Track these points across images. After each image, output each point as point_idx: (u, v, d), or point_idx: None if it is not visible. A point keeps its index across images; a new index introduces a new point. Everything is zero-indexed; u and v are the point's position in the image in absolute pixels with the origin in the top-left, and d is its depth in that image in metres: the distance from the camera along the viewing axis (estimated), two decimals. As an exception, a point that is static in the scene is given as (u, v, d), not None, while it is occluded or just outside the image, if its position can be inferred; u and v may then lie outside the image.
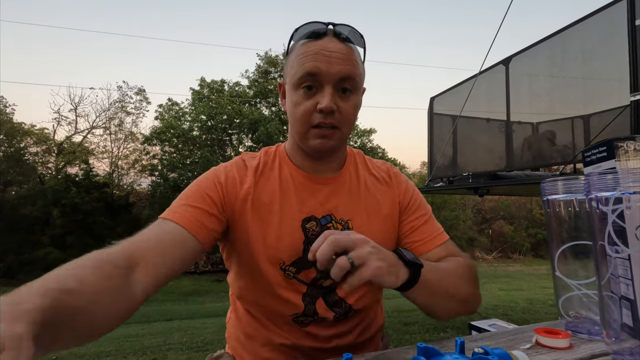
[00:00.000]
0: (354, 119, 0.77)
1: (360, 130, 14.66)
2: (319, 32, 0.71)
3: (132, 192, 14.24)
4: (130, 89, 15.60)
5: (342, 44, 0.72)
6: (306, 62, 0.70)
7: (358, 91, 0.75)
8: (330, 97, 0.69)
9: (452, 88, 4.68)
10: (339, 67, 0.70)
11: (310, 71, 0.69)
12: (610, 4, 2.66)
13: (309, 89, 0.71)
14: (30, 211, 11.32)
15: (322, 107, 0.69)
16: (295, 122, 0.74)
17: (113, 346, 3.85)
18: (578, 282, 0.63)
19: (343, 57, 0.70)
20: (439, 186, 4.71)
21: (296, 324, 0.77)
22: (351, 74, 0.71)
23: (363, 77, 0.77)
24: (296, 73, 0.71)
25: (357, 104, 0.75)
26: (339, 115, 0.71)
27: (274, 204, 0.76)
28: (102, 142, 15.45)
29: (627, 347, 0.49)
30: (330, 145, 0.74)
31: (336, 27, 0.73)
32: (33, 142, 14.01)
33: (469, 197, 14.04)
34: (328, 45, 0.70)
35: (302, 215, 0.76)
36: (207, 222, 0.69)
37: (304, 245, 0.75)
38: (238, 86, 14.32)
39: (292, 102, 0.73)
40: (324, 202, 0.78)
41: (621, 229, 0.48)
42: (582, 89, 3.04)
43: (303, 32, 0.73)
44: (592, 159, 0.60)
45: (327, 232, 0.57)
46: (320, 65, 0.69)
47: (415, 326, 4.03)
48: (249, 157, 0.83)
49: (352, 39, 0.73)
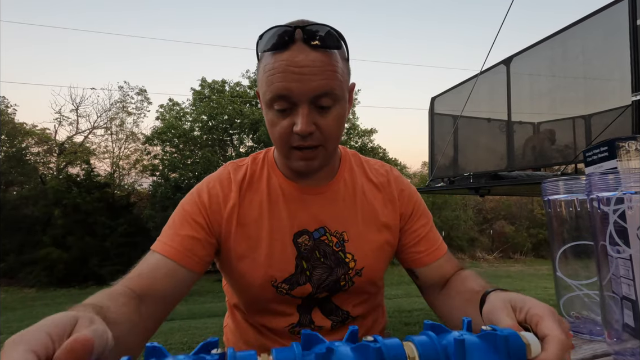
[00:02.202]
0: (339, 131, 0.68)
1: (361, 130, 14.65)
2: (285, 41, 0.60)
3: (133, 192, 14.23)
4: (132, 89, 15.58)
5: (315, 51, 0.61)
6: (274, 81, 0.61)
7: (340, 101, 0.65)
8: (305, 119, 0.61)
9: (453, 88, 4.68)
10: (312, 84, 0.60)
11: (279, 93, 0.61)
12: (612, 4, 2.65)
13: (282, 111, 0.63)
14: (32, 211, 11.33)
15: (297, 131, 0.62)
16: (275, 143, 0.68)
17: (114, 346, 3.86)
18: (579, 283, 0.62)
19: (316, 70, 0.60)
20: (440, 186, 4.71)
21: (293, 334, 0.76)
22: (328, 88, 0.61)
23: (346, 81, 0.67)
24: (266, 93, 0.63)
25: (339, 115, 0.66)
26: (320, 133, 0.64)
27: (263, 219, 0.72)
28: (103, 142, 15.45)
29: (629, 348, 0.49)
30: (315, 166, 0.68)
31: (306, 30, 0.60)
32: (34, 142, 14.02)
33: (469, 197, 14.02)
34: (297, 58, 0.60)
35: (294, 230, 0.73)
36: (197, 249, 0.68)
37: (297, 261, 0.72)
38: (239, 86, 14.32)
39: (268, 122, 0.67)
40: (317, 213, 0.74)
41: (622, 229, 0.48)
42: (583, 89, 3.04)
43: (268, 40, 0.62)
44: (593, 159, 0.60)
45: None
46: (291, 85, 0.60)
47: (416, 326, 4.03)
48: (235, 167, 0.77)
49: (326, 42, 0.61)
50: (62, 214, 10.77)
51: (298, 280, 0.73)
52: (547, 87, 3.43)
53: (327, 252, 0.75)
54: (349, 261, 0.75)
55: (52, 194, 11.20)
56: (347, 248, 0.75)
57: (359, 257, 0.75)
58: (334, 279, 0.75)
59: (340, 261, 0.75)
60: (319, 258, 0.74)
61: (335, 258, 0.75)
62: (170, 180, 12.56)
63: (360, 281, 0.76)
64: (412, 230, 0.79)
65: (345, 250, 0.75)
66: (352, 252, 0.75)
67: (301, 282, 0.73)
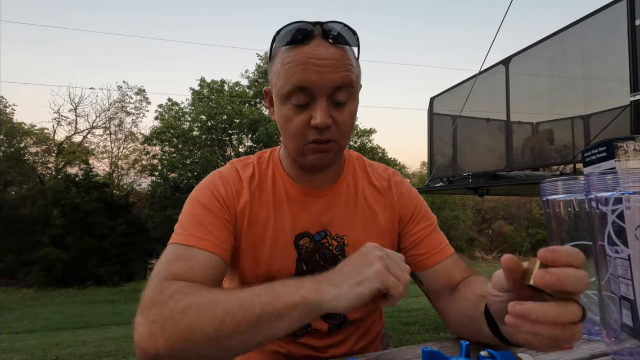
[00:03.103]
0: (352, 128, 0.70)
1: (360, 130, 14.65)
2: (305, 35, 0.62)
3: (132, 192, 14.22)
4: (130, 89, 15.57)
5: (334, 46, 0.62)
6: (294, 73, 0.61)
7: (354, 97, 0.67)
8: (324, 112, 0.62)
9: (452, 88, 4.69)
10: (332, 77, 0.61)
11: (300, 84, 0.61)
12: (610, 4, 2.66)
13: (299, 106, 0.63)
14: (30, 211, 11.31)
15: (316, 124, 0.62)
16: (289, 139, 0.67)
17: (113, 346, 3.85)
18: (578, 282, 0.62)
19: (336, 64, 0.62)
20: (439, 186, 4.71)
21: (290, 336, 0.75)
22: (346, 81, 0.63)
23: (359, 78, 0.69)
24: (284, 86, 0.63)
25: (353, 110, 0.67)
26: (336, 128, 0.65)
27: (269, 220, 0.72)
28: (102, 142, 15.44)
29: (627, 347, 0.49)
30: (329, 159, 0.68)
31: (324, 26, 0.63)
32: (33, 142, 14.00)
33: (468, 197, 14.03)
34: (317, 51, 0.61)
35: (295, 232, 0.73)
36: (229, 241, 0.68)
37: (297, 263, 0.73)
38: (238, 86, 14.33)
39: (282, 117, 0.66)
40: (319, 216, 0.74)
41: (621, 229, 0.48)
42: (582, 89, 3.04)
43: (287, 35, 0.63)
44: (591, 159, 0.60)
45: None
46: (311, 77, 0.61)
47: (415, 326, 4.03)
48: (242, 165, 0.77)
49: (344, 38, 0.64)
50: (60, 214, 10.74)
51: None
52: (546, 87, 3.44)
53: (327, 256, 0.74)
54: None
55: (50, 194, 11.18)
56: (347, 252, 0.74)
57: None
58: None
59: None
60: (318, 261, 0.74)
61: (335, 262, 0.74)
62: (169, 180, 12.56)
63: None
64: (412, 234, 0.77)
65: (345, 254, 0.74)
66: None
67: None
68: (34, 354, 3.73)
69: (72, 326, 5.74)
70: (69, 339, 4.42)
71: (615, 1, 2.61)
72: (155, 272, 0.59)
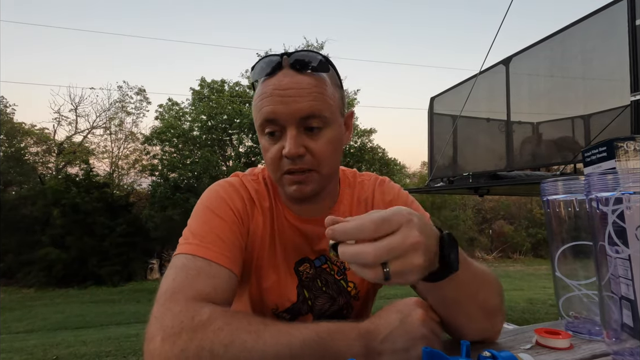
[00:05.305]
0: (333, 155, 0.66)
1: (361, 130, 14.66)
2: (273, 67, 0.63)
3: (132, 192, 14.22)
4: (131, 89, 15.56)
5: (301, 75, 0.62)
6: (262, 105, 0.62)
7: (331, 124, 0.65)
8: (293, 140, 0.61)
9: (453, 88, 4.69)
10: (298, 106, 0.61)
11: (267, 117, 0.62)
12: (611, 4, 2.66)
13: (272, 135, 0.64)
14: (30, 211, 11.31)
15: (285, 153, 0.61)
16: (269, 170, 0.68)
17: (113, 346, 3.85)
18: (578, 283, 0.63)
19: (302, 92, 0.61)
20: (439, 186, 4.71)
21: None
22: (314, 110, 0.61)
23: (337, 106, 0.67)
24: (257, 118, 0.64)
25: (332, 138, 0.65)
26: (311, 157, 0.63)
27: (273, 244, 0.71)
28: (102, 142, 15.45)
29: (628, 348, 0.49)
30: (309, 190, 0.65)
31: (292, 56, 0.63)
32: (33, 142, 14.01)
33: (469, 197, 14.03)
34: (282, 82, 0.61)
35: (295, 257, 0.72)
36: (239, 255, 0.65)
37: (298, 290, 0.72)
38: (238, 86, 14.31)
39: (262, 148, 0.67)
40: (317, 243, 0.73)
41: (621, 229, 0.48)
42: (582, 89, 3.04)
43: (257, 68, 0.65)
44: (592, 159, 0.60)
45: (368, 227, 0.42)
46: (276, 108, 0.61)
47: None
48: (249, 181, 0.74)
49: (311, 66, 0.63)
50: (60, 214, 10.74)
51: (300, 309, 0.72)
52: (546, 87, 3.44)
53: (328, 281, 0.74)
54: (351, 289, 0.75)
55: (50, 193, 11.17)
56: (349, 276, 0.75)
57: (361, 286, 0.76)
58: (335, 309, 0.75)
59: (342, 290, 0.75)
60: (320, 287, 0.74)
61: (337, 287, 0.75)
62: (169, 180, 12.55)
63: (357, 305, 0.77)
64: None
65: (347, 279, 0.75)
66: (354, 281, 0.75)
67: (303, 312, 0.72)
68: (34, 354, 3.73)
69: (72, 326, 5.74)
70: (69, 339, 4.42)
71: (615, 1, 2.61)
72: (177, 287, 0.53)
